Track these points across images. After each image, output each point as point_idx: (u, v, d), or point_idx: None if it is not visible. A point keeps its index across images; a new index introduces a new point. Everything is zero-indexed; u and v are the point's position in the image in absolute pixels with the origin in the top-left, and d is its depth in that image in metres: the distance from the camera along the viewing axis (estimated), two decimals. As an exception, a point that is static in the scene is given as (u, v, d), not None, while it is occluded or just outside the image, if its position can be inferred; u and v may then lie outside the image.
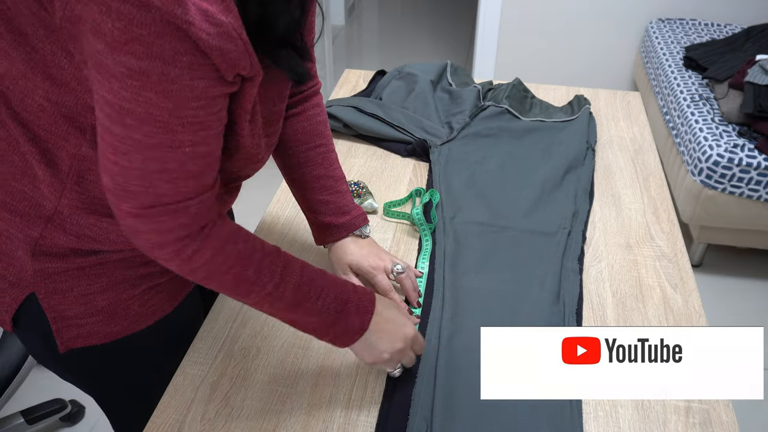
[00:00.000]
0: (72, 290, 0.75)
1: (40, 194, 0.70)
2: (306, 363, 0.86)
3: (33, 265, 0.73)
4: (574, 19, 2.82)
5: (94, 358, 0.81)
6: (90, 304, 0.76)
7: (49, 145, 0.67)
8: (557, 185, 1.17)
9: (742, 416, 0.85)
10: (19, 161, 0.68)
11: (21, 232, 0.72)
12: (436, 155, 1.24)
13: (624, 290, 0.98)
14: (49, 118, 0.65)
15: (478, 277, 0.98)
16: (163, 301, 0.83)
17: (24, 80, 0.63)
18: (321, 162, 0.92)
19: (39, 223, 0.71)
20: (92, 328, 0.78)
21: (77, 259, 0.74)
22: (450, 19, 4.30)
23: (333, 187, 0.93)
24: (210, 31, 0.55)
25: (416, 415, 0.78)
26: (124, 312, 0.79)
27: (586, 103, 1.38)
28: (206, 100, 0.59)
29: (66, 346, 0.78)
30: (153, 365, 0.87)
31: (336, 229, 0.94)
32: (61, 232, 0.72)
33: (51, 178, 0.68)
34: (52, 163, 0.68)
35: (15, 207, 0.71)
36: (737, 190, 1.93)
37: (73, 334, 0.77)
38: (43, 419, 1.59)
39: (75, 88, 0.63)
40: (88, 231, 0.72)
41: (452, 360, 0.84)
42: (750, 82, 1.99)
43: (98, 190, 0.69)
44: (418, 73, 1.42)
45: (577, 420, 0.78)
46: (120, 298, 0.78)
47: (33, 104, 0.64)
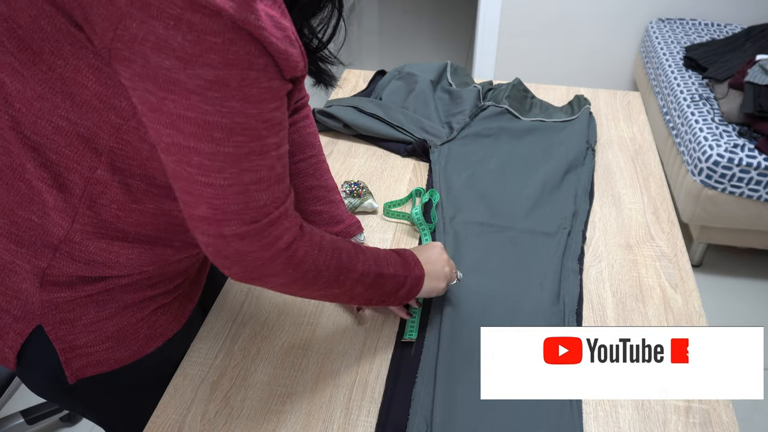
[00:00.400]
0: (80, 319, 0.73)
1: (50, 221, 0.68)
2: (306, 363, 0.86)
3: (41, 296, 0.70)
4: (574, 19, 2.81)
5: (103, 386, 0.79)
6: (99, 331, 0.74)
7: (61, 169, 0.65)
8: (557, 185, 1.17)
9: (742, 416, 0.85)
10: (25, 189, 0.66)
11: (28, 263, 0.69)
12: (436, 155, 1.24)
13: (624, 290, 0.98)
14: (64, 139, 0.63)
15: (478, 277, 0.98)
16: (169, 320, 0.81)
17: (40, 101, 0.61)
18: (313, 173, 0.93)
19: (47, 253, 0.69)
20: (102, 355, 0.75)
21: (85, 287, 0.72)
22: (450, 19, 4.30)
23: (326, 197, 0.94)
24: (278, 36, 0.56)
25: (416, 415, 0.78)
26: (133, 336, 0.77)
27: (586, 103, 1.38)
28: (281, 100, 0.59)
29: (76, 377, 0.75)
30: (163, 385, 0.85)
31: None
32: (69, 260, 0.69)
33: (62, 203, 0.66)
34: (63, 187, 0.66)
35: (21, 237, 0.69)
36: (737, 190, 1.93)
37: (83, 363, 0.75)
38: (43, 419, 1.58)
39: (97, 107, 0.61)
40: (98, 257, 0.70)
41: (452, 360, 0.84)
42: (750, 82, 1.99)
43: (110, 214, 0.68)
44: (418, 73, 1.42)
45: (577, 420, 0.78)
46: (129, 323, 0.76)
47: (48, 126, 0.62)
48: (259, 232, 0.61)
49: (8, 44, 0.59)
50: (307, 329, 0.91)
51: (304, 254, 0.66)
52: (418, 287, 0.83)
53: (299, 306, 0.94)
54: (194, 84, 0.53)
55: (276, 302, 0.95)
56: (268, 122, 0.58)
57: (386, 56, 3.89)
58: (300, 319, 0.92)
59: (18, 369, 0.76)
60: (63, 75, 0.59)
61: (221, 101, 0.54)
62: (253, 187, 0.59)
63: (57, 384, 0.76)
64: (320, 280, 0.70)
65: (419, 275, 0.82)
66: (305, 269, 0.67)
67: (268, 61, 0.56)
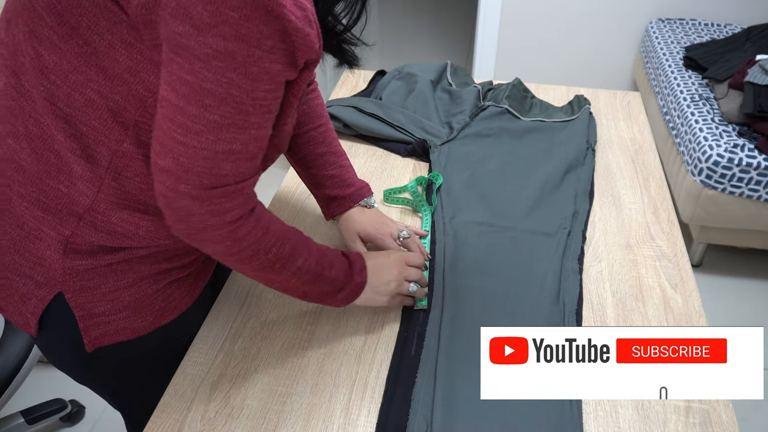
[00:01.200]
0: (100, 287, 0.76)
1: (76, 190, 0.71)
2: (306, 363, 0.86)
3: (63, 263, 0.73)
4: (574, 19, 2.81)
5: (119, 357, 0.82)
6: (117, 300, 0.77)
7: (89, 141, 0.68)
8: (557, 185, 1.17)
9: (742, 416, 0.85)
10: (54, 159, 0.69)
11: (53, 230, 0.72)
12: (436, 155, 1.24)
13: (624, 290, 0.98)
14: (95, 112, 0.66)
15: (478, 277, 0.98)
16: (183, 295, 0.85)
17: (75, 74, 0.64)
18: (322, 140, 0.98)
19: (71, 221, 0.72)
20: (119, 324, 0.78)
21: (106, 256, 0.75)
22: (450, 19, 4.30)
23: (336, 162, 0.99)
24: (298, 15, 0.59)
25: (416, 415, 0.78)
26: (149, 307, 0.80)
27: (586, 103, 1.38)
28: (276, 84, 0.63)
29: (94, 345, 0.78)
30: (172, 362, 0.88)
31: (342, 200, 0.99)
32: (92, 229, 0.72)
33: (89, 174, 0.70)
34: (91, 158, 0.69)
35: (48, 205, 0.72)
36: (737, 190, 1.93)
37: (101, 331, 0.78)
38: (43, 419, 1.58)
39: (128, 80, 0.64)
40: (119, 227, 0.73)
41: (452, 360, 0.85)
42: (750, 82, 1.99)
43: (133, 186, 0.71)
44: (418, 73, 1.42)
45: (577, 420, 0.78)
46: (145, 293, 0.79)
47: (80, 98, 0.65)
48: (211, 198, 0.65)
49: (48, 18, 0.63)
50: (307, 329, 0.91)
51: (246, 233, 0.69)
52: (356, 294, 0.85)
53: (299, 306, 0.94)
54: (202, 51, 0.57)
55: (276, 302, 0.95)
56: (257, 101, 0.62)
57: (386, 56, 3.88)
58: (300, 319, 0.92)
59: (39, 336, 0.79)
60: (97, 49, 0.63)
61: (222, 71, 0.58)
62: (222, 156, 0.63)
63: (75, 353, 0.79)
64: (255, 262, 0.73)
65: (360, 282, 0.84)
66: (243, 246, 0.70)
67: (277, 44, 0.59)
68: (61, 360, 0.85)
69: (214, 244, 0.69)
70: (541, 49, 2.91)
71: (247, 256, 0.72)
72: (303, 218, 1.11)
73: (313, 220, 1.11)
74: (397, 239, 0.98)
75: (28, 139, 0.69)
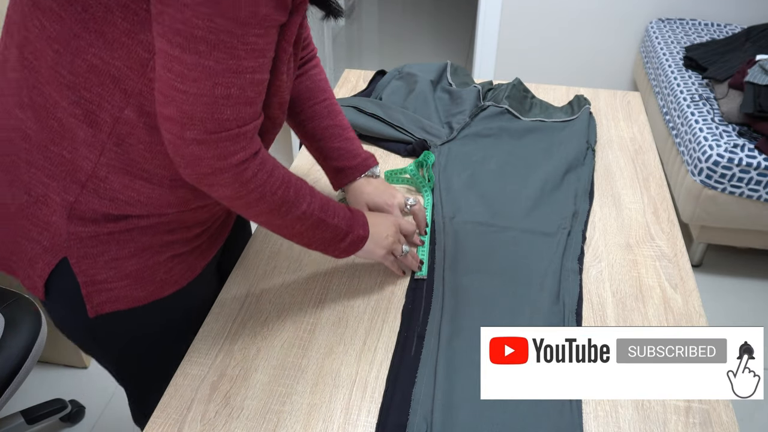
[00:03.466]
0: (102, 255, 0.78)
1: (79, 155, 0.73)
2: (306, 363, 0.86)
3: (67, 229, 0.76)
4: (574, 19, 2.81)
5: (120, 325, 0.85)
6: (119, 268, 0.80)
7: (93, 107, 0.71)
8: (557, 185, 1.17)
9: (742, 416, 0.85)
10: (57, 126, 0.72)
11: (58, 195, 0.75)
12: (436, 155, 1.24)
13: (624, 290, 0.98)
14: (97, 78, 0.69)
15: (478, 277, 0.98)
16: (184, 270, 0.87)
17: (76, 40, 0.67)
18: (327, 114, 1.01)
19: (75, 188, 0.75)
20: (120, 292, 0.81)
21: (108, 224, 0.77)
22: (450, 19, 4.30)
23: (341, 135, 1.02)
24: None
25: (416, 415, 0.78)
26: (150, 278, 0.83)
27: (586, 103, 1.38)
28: (266, 29, 0.65)
29: (95, 311, 0.81)
30: (172, 337, 0.91)
31: (350, 171, 1.02)
32: (95, 196, 0.75)
33: (92, 138, 0.72)
34: (94, 123, 0.72)
35: (53, 172, 0.75)
36: (737, 190, 1.93)
37: (102, 298, 0.80)
38: (43, 419, 1.58)
39: (126, 43, 0.67)
40: (121, 194, 0.76)
41: (452, 360, 0.85)
42: (750, 82, 1.99)
43: (136, 153, 0.74)
44: (418, 73, 1.42)
45: (577, 420, 0.78)
46: (147, 264, 0.82)
47: (83, 64, 0.68)
48: (216, 142, 0.68)
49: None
50: (307, 329, 0.91)
51: (252, 175, 0.73)
52: (358, 245, 0.89)
53: (299, 306, 0.94)
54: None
55: (276, 302, 0.95)
56: (248, 45, 0.64)
57: (386, 56, 3.88)
58: (300, 319, 0.92)
59: (46, 300, 0.83)
60: (95, 14, 0.66)
61: (210, 17, 0.60)
62: (221, 101, 0.65)
63: (78, 318, 0.82)
64: (262, 204, 0.76)
65: (362, 235, 0.89)
66: (250, 188, 0.74)
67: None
68: (67, 326, 0.88)
69: (223, 187, 0.72)
70: (541, 49, 2.91)
71: (254, 199, 0.75)
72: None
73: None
74: (404, 208, 1.02)
75: (33, 109, 0.73)
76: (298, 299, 0.95)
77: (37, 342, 1.27)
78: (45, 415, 1.59)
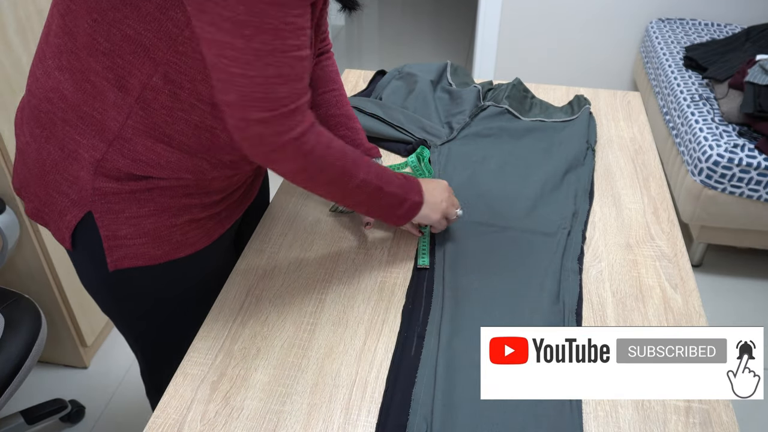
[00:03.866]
0: (124, 212, 0.84)
1: (108, 116, 0.79)
2: (306, 363, 0.86)
3: (93, 184, 0.82)
4: (575, 19, 2.82)
5: (137, 283, 0.91)
6: (138, 226, 0.85)
7: (124, 73, 0.76)
8: (557, 185, 1.17)
9: (742, 416, 0.85)
10: (90, 88, 0.78)
11: (87, 152, 0.81)
12: (436, 155, 1.24)
13: (624, 290, 0.98)
14: (130, 47, 0.74)
15: (478, 277, 0.98)
16: (200, 235, 0.91)
17: (113, 11, 0.73)
18: (335, 103, 1.06)
19: (102, 146, 0.80)
20: (139, 249, 0.86)
21: (130, 183, 0.82)
22: (450, 19, 4.30)
23: (347, 124, 1.07)
24: None
25: (416, 415, 0.78)
26: (167, 238, 0.87)
27: (586, 103, 1.38)
28: (303, 9, 0.70)
29: (115, 265, 0.86)
30: (186, 306, 0.96)
31: None
32: (119, 155, 0.81)
33: (120, 101, 0.78)
34: (123, 88, 0.77)
35: (84, 130, 0.81)
36: (737, 190, 1.93)
37: (122, 253, 0.86)
38: (43, 419, 1.58)
39: (158, 17, 0.72)
40: (143, 156, 0.81)
41: (452, 360, 0.85)
42: (750, 82, 1.99)
43: (159, 118, 0.79)
44: (418, 73, 1.42)
45: (577, 420, 0.78)
46: (164, 225, 0.86)
47: (118, 34, 0.74)
48: (276, 119, 0.72)
49: None
50: (307, 329, 0.91)
51: (312, 147, 0.77)
52: (415, 211, 0.94)
53: (299, 306, 0.94)
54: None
55: (276, 302, 0.95)
56: (290, 25, 0.68)
57: (386, 56, 3.88)
58: (300, 319, 0.92)
59: (72, 251, 0.89)
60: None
61: (253, 3, 0.65)
62: (274, 80, 0.70)
63: (99, 272, 0.88)
64: (324, 175, 0.81)
65: (418, 201, 0.93)
66: (311, 160, 0.78)
67: None
68: (89, 279, 0.93)
69: (287, 162, 0.77)
70: (541, 49, 2.91)
71: (316, 170, 0.79)
72: (303, 218, 1.11)
73: (313, 219, 1.11)
74: None
75: (70, 72, 0.78)
76: (298, 299, 0.95)
77: (37, 342, 1.28)
78: (45, 415, 1.59)
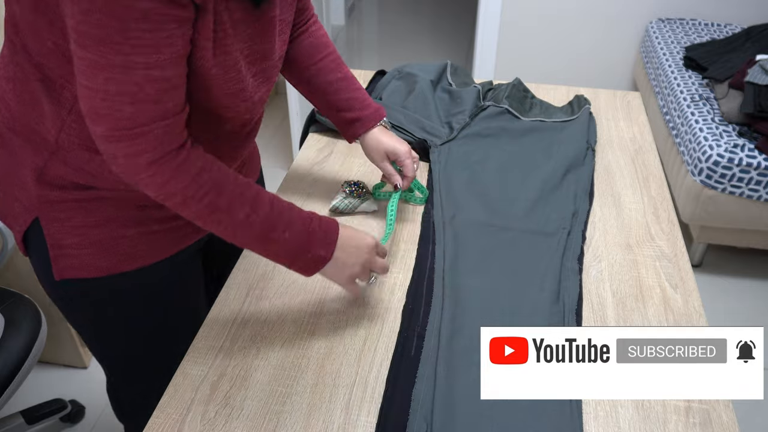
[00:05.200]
0: (69, 220, 0.81)
1: (44, 128, 0.77)
2: (306, 363, 0.86)
3: (37, 191, 0.80)
4: (574, 19, 2.81)
5: (84, 294, 0.88)
6: (85, 236, 0.82)
7: (56, 86, 0.74)
8: (557, 185, 1.17)
9: (742, 416, 0.85)
10: (29, 99, 0.77)
11: (30, 158, 0.80)
12: (436, 155, 1.24)
13: (624, 290, 0.98)
14: (57, 60, 0.71)
15: (478, 277, 0.98)
16: (152, 249, 0.87)
17: (35, 25, 0.70)
18: (334, 68, 1.03)
19: (44, 154, 0.79)
20: (84, 260, 0.83)
21: (75, 192, 0.80)
22: (450, 19, 4.30)
23: (350, 87, 1.04)
24: None
25: (416, 415, 0.78)
26: (114, 249, 0.84)
27: (586, 103, 1.38)
28: (154, 23, 0.62)
29: (60, 275, 0.84)
30: (137, 323, 0.92)
31: (365, 119, 1.04)
32: (62, 164, 0.79)
33: (54, 114, 0.76)
34: (57, 101, 0.75)
35: (28, 137, 0.79)
36: (737, 190, 1.93)
37: (67, 263, 0.83)
38: (43, 419, 1.58)
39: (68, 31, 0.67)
40: (86, 166, 0.79)
41: (452, 360, 0.85)
42: (750, 82, 1.99)
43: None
44: (418, 73, 1.42)
45: (577, 420, 0.78)
46: (112, 236, 0.83)
47: (44, 48, 0.71)
48: (121, 139, 0.67)
49: None
50: (307, 329, 0.91)
51: (167, 179, 0.71)
52: (315, 267, 0.82)
53: (299, 306, 0.94)
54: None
55: (276, 302, 0.95)
56: (133, 40, 0.62)
57: (386, 56, 3.88)
58: (300, 319, 0.92)
59: (28, 255, 0.88)
60: (48, 3, 0.67)
61: (88, 11, 0.60)
62: (117, 98, 0.65)
63: (48, 280, 0.86)
64: (191, 209, 0.74)
65: (322, 256, 0.81)
66: (170, 192, 0.72)
67: None
68: (42, 281, 0.89)
69: (144, 187, 0.72)
70: (541, 49, 2.91)
71: (178, 203, 0.73)
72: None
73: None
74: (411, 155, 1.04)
75: (14, 82, 0.77)
76: (298, 299, 0.95)
77: (37, 342, 1.27)
78: (45, 415, 1.59)
